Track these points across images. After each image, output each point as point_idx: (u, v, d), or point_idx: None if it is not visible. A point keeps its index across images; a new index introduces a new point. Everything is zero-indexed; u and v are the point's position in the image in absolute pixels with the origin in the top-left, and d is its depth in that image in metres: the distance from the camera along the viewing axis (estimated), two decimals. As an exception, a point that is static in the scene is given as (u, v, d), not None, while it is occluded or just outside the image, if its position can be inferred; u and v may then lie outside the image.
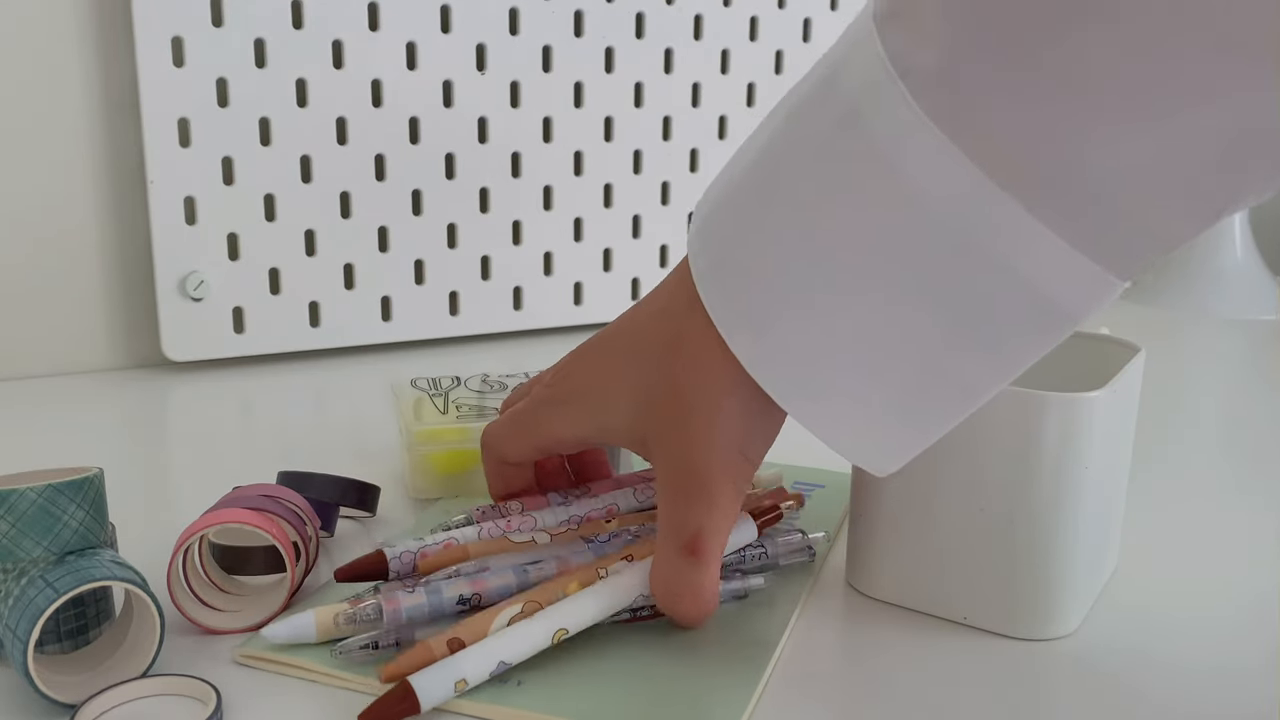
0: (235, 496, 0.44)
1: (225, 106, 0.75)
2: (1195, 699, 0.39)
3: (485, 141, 0.84)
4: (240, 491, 0.45)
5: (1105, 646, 0.42)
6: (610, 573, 0.40)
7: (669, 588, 0.39)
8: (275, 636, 0.39)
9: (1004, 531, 0.41)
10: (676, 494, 0.38)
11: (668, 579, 0.38)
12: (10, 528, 0.36)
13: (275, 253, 0.79)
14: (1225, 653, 0.42)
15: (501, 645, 0.37)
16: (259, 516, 0.42)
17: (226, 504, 0.44)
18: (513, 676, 0.38)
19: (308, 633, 0.39)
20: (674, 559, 0.38)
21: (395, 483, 0.57)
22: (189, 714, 0.36)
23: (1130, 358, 0.45)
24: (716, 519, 0.38)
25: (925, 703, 0.38)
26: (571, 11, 0.85)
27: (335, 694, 0.38)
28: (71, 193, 0.76)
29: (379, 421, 0.68)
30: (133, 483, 0.57)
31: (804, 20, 0.94)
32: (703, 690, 0.37)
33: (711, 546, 0.38)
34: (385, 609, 0.38)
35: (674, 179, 0.92)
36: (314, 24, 0.77)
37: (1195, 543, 0.52)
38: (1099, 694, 0.39)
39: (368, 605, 0.39)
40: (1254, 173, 0.28)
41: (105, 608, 0.41)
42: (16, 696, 0.37)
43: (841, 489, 0.56)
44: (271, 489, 0.46)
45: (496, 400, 0.57)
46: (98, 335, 0.79)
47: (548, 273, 0.89)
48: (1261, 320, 1.00)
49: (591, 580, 0.40)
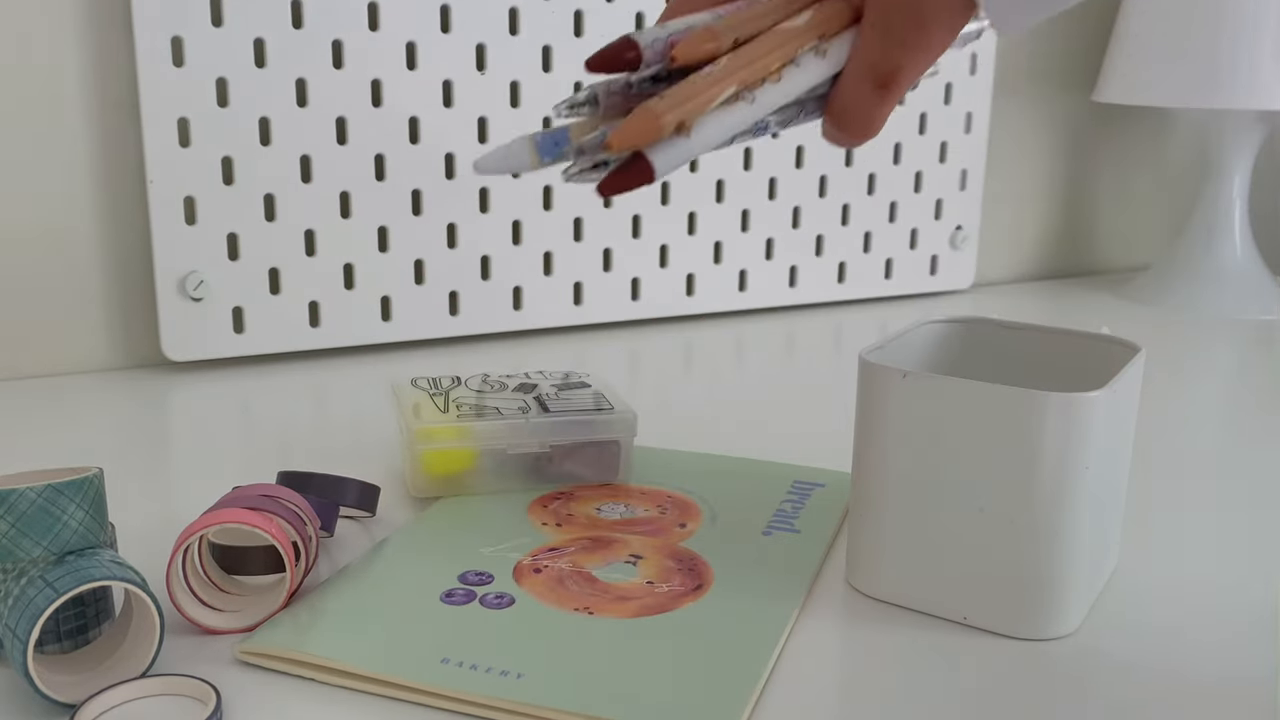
0: (235, 496, 0.45)
1: (225, 106, 0.75)
2: (1195, 698, 0.39)
3: (485, 141, 0.84)
4: (240, 491, 0.45)
5: (1105, 646, 0.42)
6: (801, 60, 0.37)
7: (848, 113, 0.38)
8: (486, 168, 0.36)
9: (1004, 531, 0.41)
10: (888, 30, 0.37)
11: (850, 105, 0.38)
12: (10, 528, 0.36)
13: (275, 253, 0.79)
14: (1225, 652, 0.42)
15: (718, 122, 0.35)
16: (259, 516, 0.42)
17: (226, 504, 0.44)
18: (514, 669, 0.38)
19: (522, 161, 0.36)
20: (863, 88, 0.37)
21: (395, 482, 0.57)
22: (189, 714, 0.36)
23: (1130, 358, 0.45)
24: (920, 63, 0.37)
25: (925, 703, 0.38)
26: (571, 11, 0.85)
27: (335, 693, 0.38)
28: (71, 193, 0.76)
29: (379, 421, 0.68)
30: (133, 483, 0.57)
31: (804, 20, 0.94)
32: (703, 688, 0.37)
33: (904, 85, 0.38)
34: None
35: (673, 179, 0.92)
36: (314, 24, 0.77)
37: (1195, 543, 0.52)
38: (1099, 694, 0.39)
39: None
40: None
41: (105, 607, 0.41)
42: (17, 697, 0.37)
43: (842, 489, 0.56)
44: (271, 489, 0.46)
45: (496, 400, 0.57)
46: (98, 335, 0.79)
47: (547, 273, 0.89)
48: (1261, 320, 1.00)
49: (791, 56, 0.37)
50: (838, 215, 1.01)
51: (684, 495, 0.55)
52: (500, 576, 0.46)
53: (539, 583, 0.45)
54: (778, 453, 0.62)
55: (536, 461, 0.55)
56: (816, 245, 1.00)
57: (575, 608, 0.43)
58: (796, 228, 0.99)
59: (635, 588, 0.45)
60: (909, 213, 1.04)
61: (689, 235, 0.94)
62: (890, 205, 1.04)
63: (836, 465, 0.60)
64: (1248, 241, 1.06)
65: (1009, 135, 1.13)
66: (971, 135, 1.05)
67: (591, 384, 0.60)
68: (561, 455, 0.55)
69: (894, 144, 1.02)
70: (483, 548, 0.48)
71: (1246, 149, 1.03)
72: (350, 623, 0.41)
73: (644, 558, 0.48)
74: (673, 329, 0.94)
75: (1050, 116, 1.15)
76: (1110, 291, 1.10)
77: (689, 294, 0.96)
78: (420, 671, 0.38)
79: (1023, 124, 1.14)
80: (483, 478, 0.55)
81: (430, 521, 0.51)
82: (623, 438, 0.55)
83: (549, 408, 0.55)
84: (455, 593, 0.44)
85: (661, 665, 0.39)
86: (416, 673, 0.38)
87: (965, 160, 1.05)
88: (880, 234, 1.04)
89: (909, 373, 0.42)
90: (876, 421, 0.43)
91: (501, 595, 0.44)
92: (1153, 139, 1.23)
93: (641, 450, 0.61)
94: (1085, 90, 1.16)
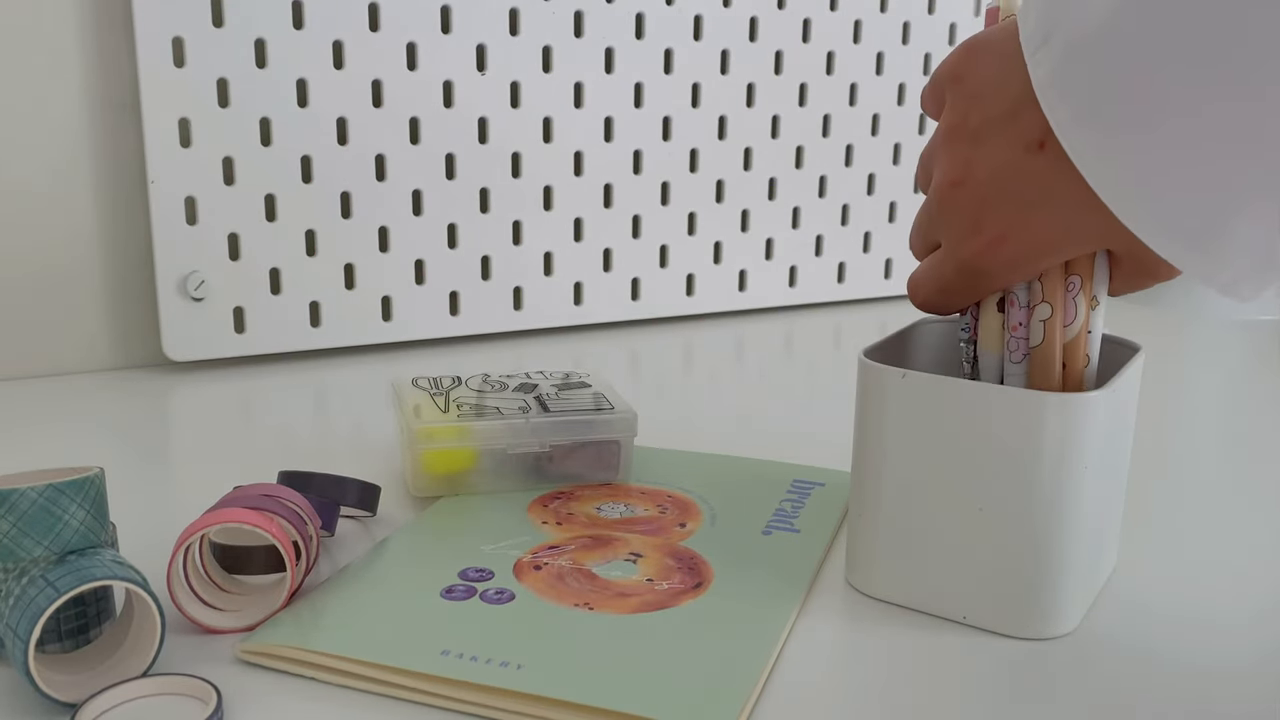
0: (235, 496, 0.45)
1: (226, 107, 0.76)
2: (1196, 698, 0.39)
3: (485, 142, 0.84)
4: (240, 491, 0.45)
5: (1105, 645, 0.42)
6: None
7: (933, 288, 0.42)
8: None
9: (1004, 531, 0.41)
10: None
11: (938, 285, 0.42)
12: (11, 527, 0.36)
13: (276, 253, 0.79)
14: (1225, 652, 0.42)
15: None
16: (259, 516, 0.42)
17: (227, 504, 0.44)
18: (514, 660, 0.38)
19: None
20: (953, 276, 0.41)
21: (395, 482, 0.57)
22: (189, 714, 0.36)
23: (1130, 358, 0.45)
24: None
25: (925, 702, 0.38)
26: (571, 11, 0.85)
27: (335, 693, 0.38)
28: (71, 193, 0.76)
29: (379, 421, 0.68)
30: (133, 483, 0.57)
31: (804, 20, 0.94)
32: (703, 683, 0.37)
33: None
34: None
35: (673, 179, 0.92)
36: (314, 24, 0.77)
37: (1195, 542, 0.52)
38: (1099, 693, 0.39)
39: None
40: None
41: (106, 607, 0.41)
42: (18, 696, 0.37)
43: (841, 488, 0.56)
44: (272, 489, 0.46)
45: (497, 400, 0.57)
46: (98, 335, 0.79)
47: (548, 272, 0.89)
48: (1261, 320, 1.00)
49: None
50: (838, 215, 1.01)
51: (684, 495, 0.55)
52: (500, 573, 0.46)
53: (539, 579, 0.45)
54: (778, 452, 0.62)
55: (537, 461, 0.55)
56: (816, 245, 1.00)
57: (575, 603, 0.43)
58: (796, 228, 0.99)
59: (635, 585, 0.45)
60: (909, 213, 1.04)
61: (689, 235, 0.94)
62: (890, 205, 1.04)
63: (836, 465, 0.60)
64: (1247, 241, 1.06)
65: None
66: (971, 135, 1.05)
67: (591, 384, 0.60)
68: (562, 455, 0.55)
69: (894, 144, 1.02)
70: (483, 545, 0.48)
71: (1246, 149, 1.03)
72: (351, 620, 0.41)
73: (644, 556, 0.48)
74: (673, 329, 0.95)
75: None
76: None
77: (689, 294, 0.96)
78: (420, 662, 0.38)
79: (1023, 124, 1.14)
80: (483, 477, 0.55)
81: (430, 521, 0.51)
82: (623, 437, 0.56)
83: (549, 407, 0.56)
84: (455, 589, 0.44)
85: (661, 660, 0.39)
86: (416, 664, 0.38)
87: (965, 160, 1.05)
88: (880, 234, 1.04)
89: (908, 373, 0.42)
90: (875, 421, 0.43)
91: (502, 591, 0.44)
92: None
93: (641, 450, 0.61)
94: (1085, 90, 1.16)
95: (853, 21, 0.97)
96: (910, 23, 0.99)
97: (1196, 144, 0.30)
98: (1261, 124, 0.29)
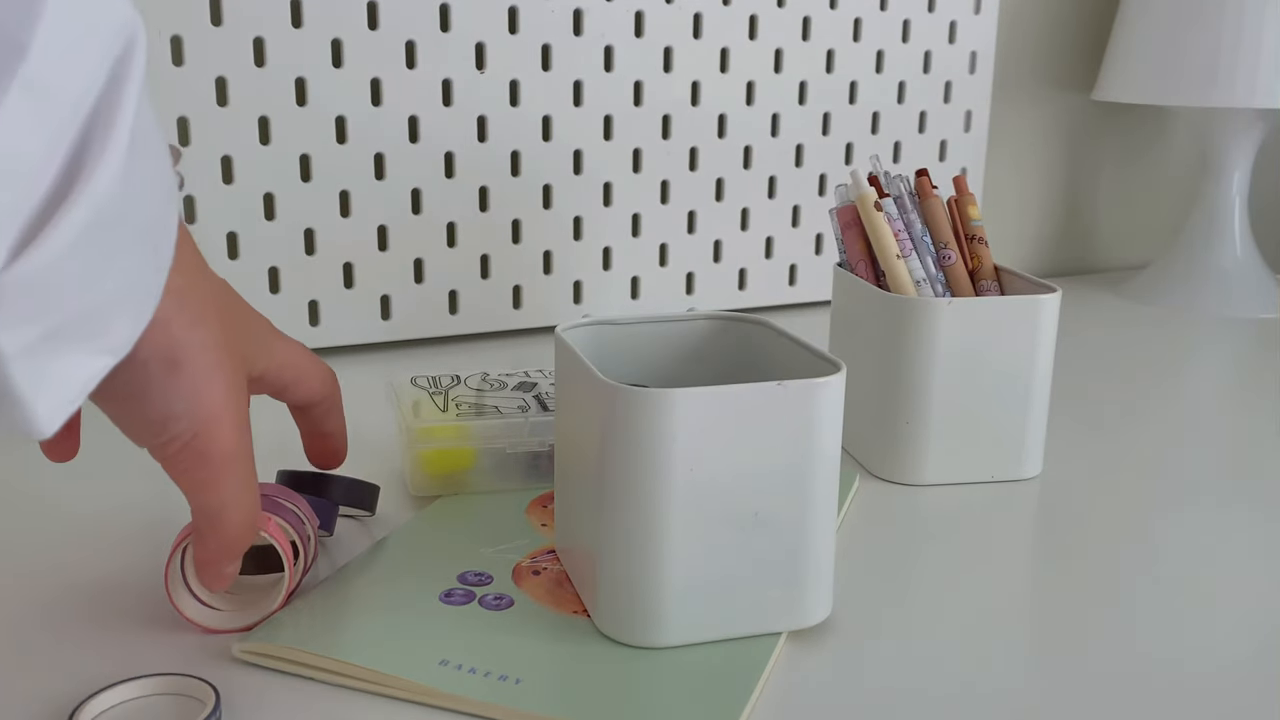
0: (234, 496, 0.44)
1: (225, 106, 0.75)
2: (1196, 698, 0.39)
3: (485, 141, 0.84)
4: (239, 491, 0.45)
5: (1108, 648, 0.42)
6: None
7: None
8: None
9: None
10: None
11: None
12: None
13: (275, 252, 0.79)
14: (1226, 652, 0.42)
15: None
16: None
17: (226, 503, 0.44)
18: (512, 674, 0.38)
19: None
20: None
21: (395, 482, 0.57)
22: (188, 713, 0.36)
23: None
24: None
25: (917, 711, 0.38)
26: (571, 11, 0.85)
27: (335, 692, 0.38)
28: (71, 192, 0.76)
29: (379, 421, 0.68)
30: (132, 482, 0.57)
31: (803, 19, 0.94)
32: (702, 688, 0.37)
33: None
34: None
35: (673, 178, 0.92)
36: (313, 23, 0.77)
37: (1195, 542, 0.52)
38: (1103, 696, 0.39)
39: None
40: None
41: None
42: (17, 694, 0.37)
43: (846, 488, 0.56)
44: (271, 488, 0.46)
45: (496, 399, 0.57)
46: (97, 334, 0.79)
47: (547, 271, 0.89)
48: (1261, 320, 1.00)
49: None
50: (837, 214, 1.01)
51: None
52: (499, 577, 0.46)
53: (538, 584, 0.45)
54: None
55: (536, 460, 0.55)
56: (816, 244, 1.00)
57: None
58: (796, 226, 0.99)
59: (634, 587, 0.45)
60: (909, 211, 1.04)
61: (689, 234, 0.94)
62: (890, 204, 1.04)
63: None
64: (1247, 240, 1.06)
65: (1008, 134, 1.13)
66: (971, 134, 1.05)
67: (591, 383, 0.60)
68: (561, 454, 0.55)
69: (894, 142, 1.02)
70: (482, 548, 0.48)
71: (1246, 147, 1.03)
72: (350, 622, 0.41)
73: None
74: (672, 328, 0.94)
75: (1050, 115, 1.15)
76: (1110, 290, 1.10)
77: (689, 293, 0.96)
78: (419, 673, 0.38)
79: (1022, 122, 1.14)
80: (482, 476, 0.55)
81: (429, 520, 0.51)
82: (622, 437, 0.55)
83: (548, 406, 0.55)
84: (454, 593, 0.44)
85: (661, 667, 0.39)
86: (415, 674, 0.38)
87: (965, 159, 1.05)
88: (880, 233, 1.03)
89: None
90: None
91: (500, 597, 0.44)
92: (1152, 137, 1.23)
93: (641, 449, 0.61)
94: (1085, 89, 1.16)
95: (852, 20, 0.97)
96: (910, 21, 0.99)
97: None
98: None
